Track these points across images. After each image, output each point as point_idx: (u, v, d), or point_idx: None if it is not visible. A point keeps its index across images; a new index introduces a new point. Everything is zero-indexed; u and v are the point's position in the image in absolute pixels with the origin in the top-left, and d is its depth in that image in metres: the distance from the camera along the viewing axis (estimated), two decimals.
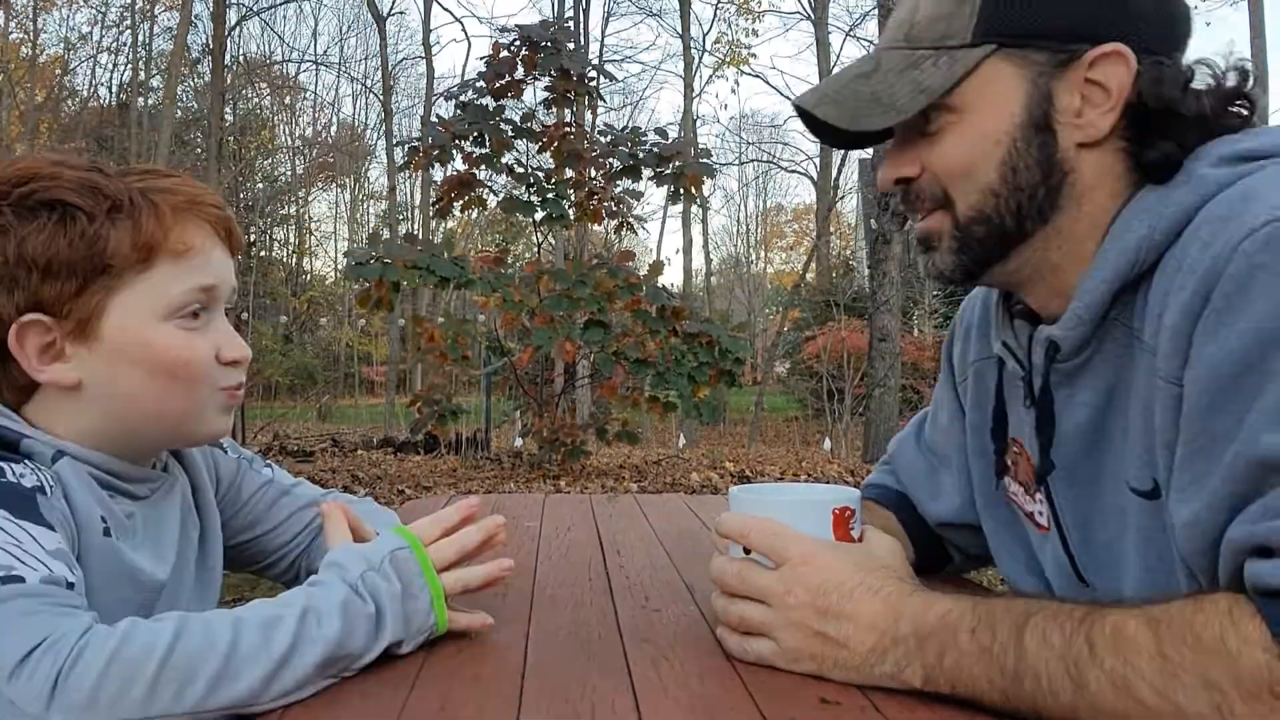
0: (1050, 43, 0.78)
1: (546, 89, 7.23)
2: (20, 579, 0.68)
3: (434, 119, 7.90)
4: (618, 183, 7.23)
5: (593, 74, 7.46)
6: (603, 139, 7.42)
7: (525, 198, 7.22)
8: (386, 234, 17.61)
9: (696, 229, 24.96)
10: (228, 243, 0.90)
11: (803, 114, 0.85)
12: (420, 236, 10.58)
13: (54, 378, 0.82)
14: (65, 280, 0.81)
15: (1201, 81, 0.78)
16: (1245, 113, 0.79)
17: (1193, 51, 0.81)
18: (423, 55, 22.11)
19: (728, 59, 22.05)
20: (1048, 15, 0.78)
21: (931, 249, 0.86)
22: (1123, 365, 0.80)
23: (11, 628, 0.64)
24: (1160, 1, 0.80)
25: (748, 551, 0.80)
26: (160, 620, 0.69)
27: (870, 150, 10.47)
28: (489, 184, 7.47)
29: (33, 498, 0.74)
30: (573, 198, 7.24)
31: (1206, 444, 0.68)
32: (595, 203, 7.26)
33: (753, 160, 30.23)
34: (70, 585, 0.71)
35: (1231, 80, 0.79)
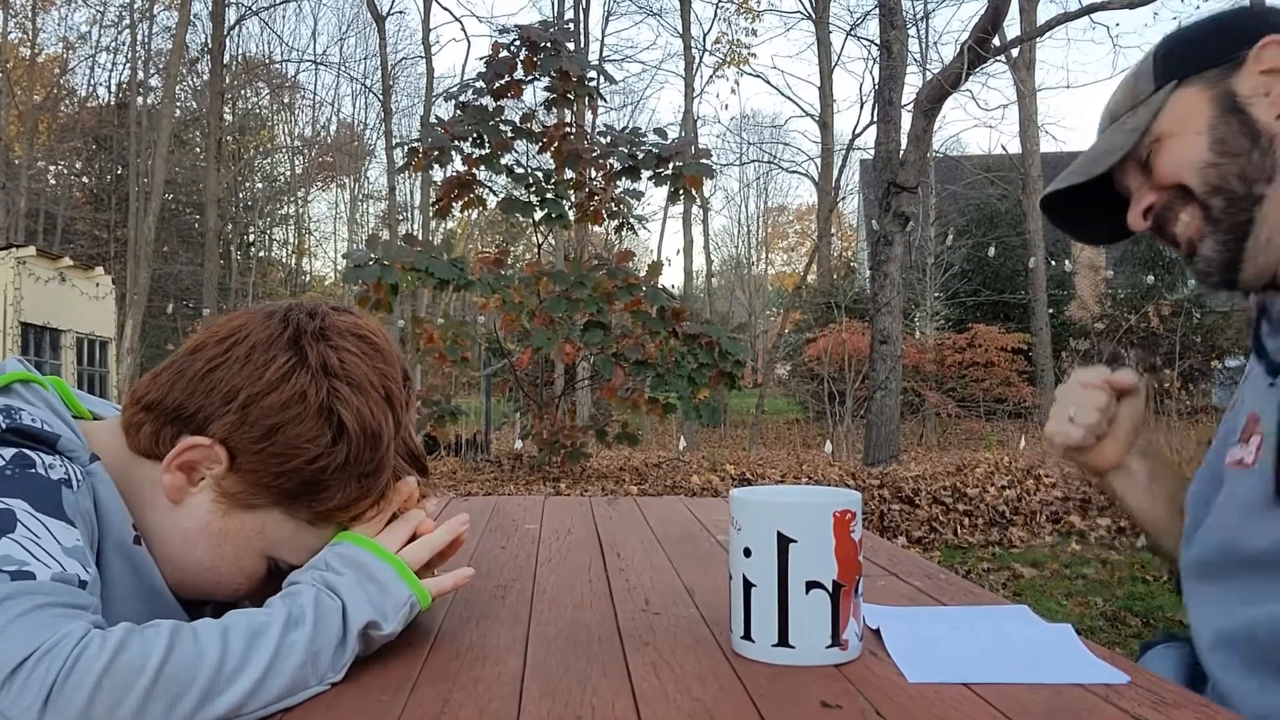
0: (1214, 62, 0.93)
1: (546, 89, 7.23)
2: (30, 575, 0.66)
3: (433, 119, 7.89)
4: (617, 183, 7.23)
5: (592, 74, 7.46)
6: (603, 139, 7.42)
7: (525, 198, 7.23)
8: (386, 234, 17.61)
9: (697, 230, 24.96)
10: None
11: (1049, 203, 1.05)
12: (420, 237, 10.57)
13: (170, 484, 0.82)
14: (271, 471, 0.81)
15: None
16: None
17: None
18: (422, 55, 22.13)
19: (728, 59, 22.07)
20: (1204, 47, 0.95)
21: (1195, 251, 0.96)
22: None
23: (9, 631, 0.63)
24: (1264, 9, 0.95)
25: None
26: (154, 629, 0.68)
27: (872, 152, 10.40)
28: (489, 184, 7.48)
29: (58, 489, 0.73)
30: (572, 198, 7.24)
31: None
32: (595, 203, 7.26)
33: (753, 161, 30.25)
34: (83, 583, 0.69)
35: None
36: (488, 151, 7.06)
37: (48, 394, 0.84)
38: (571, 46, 7.30)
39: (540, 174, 7.27)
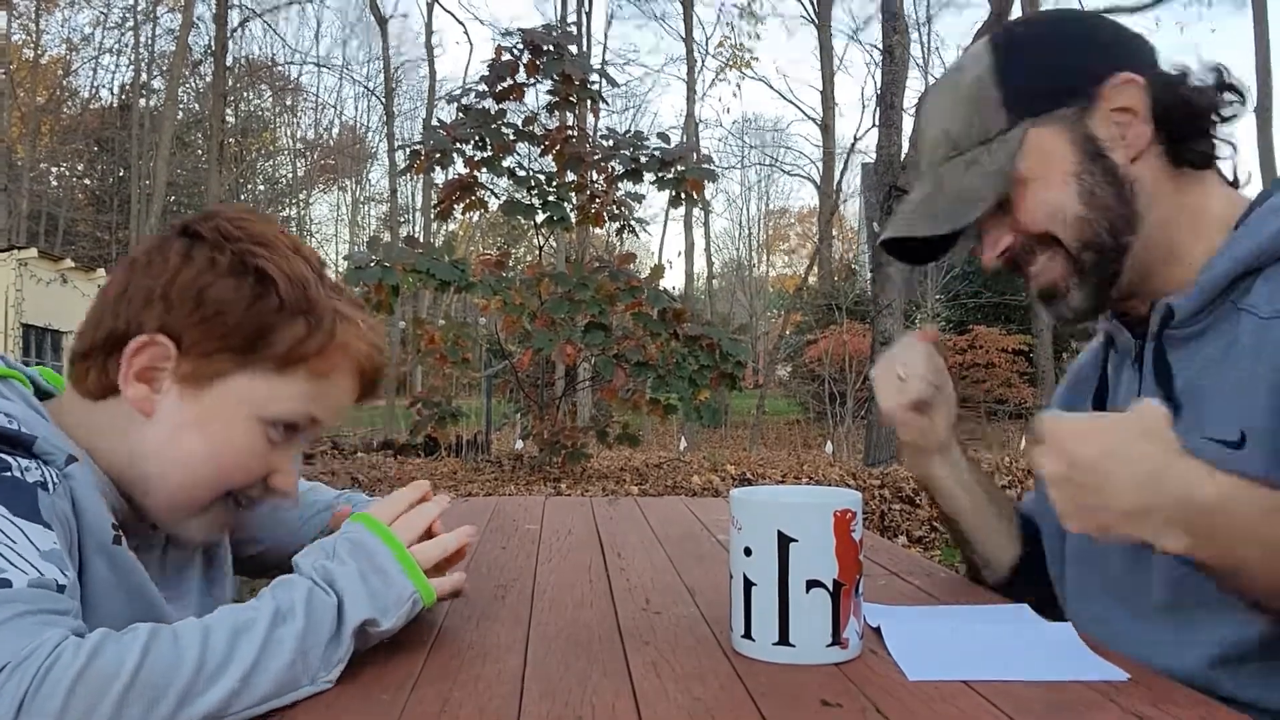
0: (1069, 99, 0.91)
1: (549, 93, 7.24)
2: (7, 583, 0.66)
3: (435, 122, 7.90)
4: (619, 186, 7.24)
5: (595, 78, 7.47)
6: (605, 143, 7.42)
7: (526, 201, 7.23)
8: (387, 236, 17.63)
9: (699, 232, 24.96)
10: (358, 388, 0.90)
11: (895, 244, 0.99)
12: (421, 239, 10.59)
13: (136, 397, 0.83)
14: (215, 335, 0.82)
15: (1196, 79, 0.90)
16: (1238, 103, 0.91)
17: (1197, 55, 0.91)
18: (425, 58, 22.13)
19: (730, 62, 22.07)
20: (1056, 82, 0.92)
21: (1057, 298, 0.95)
22: (1229, 342, 0.87)
23: None
24: (1116, 31, 0.93)
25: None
26: (131, 633, 0.67)
27: (873, 155, 10.41)
28: (490, 187, 7.48)
29: (34, 493, 0.73)
30: (574, 201, 7.24)
31: None
32: (597, 206, 7.27)
33: (755, 164, 30.25)
34: (61, 588, 0.69)
35: (1210, 78, 0.90)
36: (489, 154, 7.06)
37: (26, 390, 0.84)
38: (574, 50, 7.31)
39: (542, 176, 7.27)
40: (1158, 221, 0.91)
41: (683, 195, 7.22)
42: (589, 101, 7.56)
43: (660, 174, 7.09)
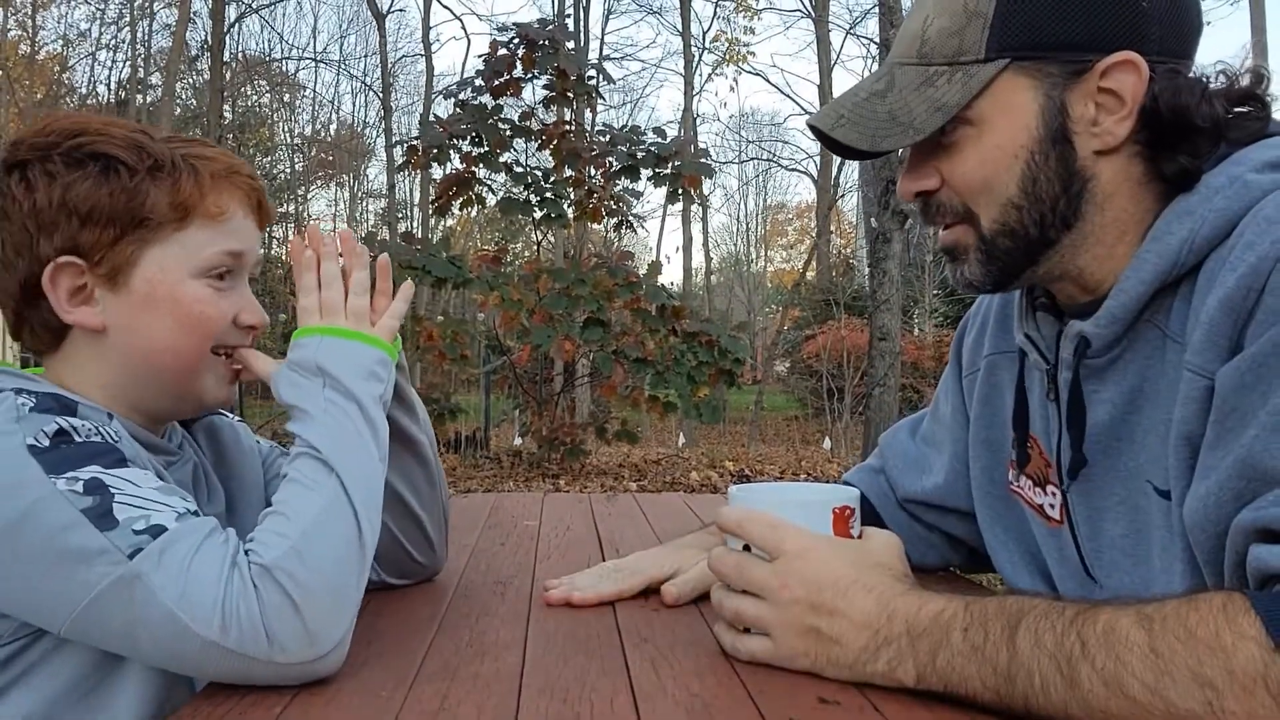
0: (1062, 54, 0.79)
1: (545, 88, 7.23)
2: (162, 527, 0.72)
3: (432, 118, 7.90)
4: (617, 182, 7.23)
5: (591, 73, 7.46)
6: (602, 138, 7.42)
7: (523, 197, 7.23)
8: (385, 232, 17.61)
9: (696, 227, 24.94)
10: (258, 214, 0.94)
11: (819, 133, 0.85)
12: (419, 235, 10.58)
13: (81, 319, 0.86)
14: (103, 229, 0.85)
15: (1215, 84, 0.79)
16: (1258, 115, 0.80)
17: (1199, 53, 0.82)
18: (422, 53, 22.08)
19: (727, 56, 22.03)
20: (1059, 28, 0.78)
21: (959, 260, 0.87)
22: (1150, 366, 0.81)
23: (188, 587, 0.70)
24: (1170, 6, 0.79)
25: (747, 547, 0.80)
26: (265, 532, 0.75)
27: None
28: (487, 182, 7.48)
29: (109, 445, 0.78)
30: (572, 196, 7.24)
31: (1235, 425, 0.69)
32: (594, 201, 7.27)
33: (753, 159, 30.20)
34: (196, 512, 0.75)
35: (1245, 81, 0.80)
36: (486, 150, 7.06)
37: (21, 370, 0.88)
38: (570, 45, 7.30)
39: (539, 172, 7.27)
40: (1104, 224, 0.81)
41: (680, 191, 7.22)
42: (586, 96, 7.55)
43: (657, 169, 7.08)
